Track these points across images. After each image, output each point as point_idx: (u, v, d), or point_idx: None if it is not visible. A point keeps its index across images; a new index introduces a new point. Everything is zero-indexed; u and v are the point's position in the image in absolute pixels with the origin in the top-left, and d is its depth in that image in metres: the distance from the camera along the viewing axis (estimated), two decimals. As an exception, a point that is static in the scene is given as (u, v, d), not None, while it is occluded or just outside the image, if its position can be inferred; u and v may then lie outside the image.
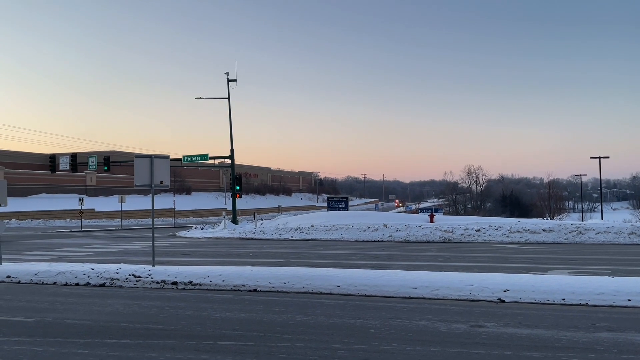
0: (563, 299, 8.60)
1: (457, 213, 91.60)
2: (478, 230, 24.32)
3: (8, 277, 11.89)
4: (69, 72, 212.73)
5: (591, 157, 52.84)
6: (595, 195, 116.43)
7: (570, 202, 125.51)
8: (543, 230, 23.60)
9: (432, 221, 29.52)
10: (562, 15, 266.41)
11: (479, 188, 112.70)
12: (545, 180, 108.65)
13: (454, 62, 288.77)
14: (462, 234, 24.15)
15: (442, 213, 67.92)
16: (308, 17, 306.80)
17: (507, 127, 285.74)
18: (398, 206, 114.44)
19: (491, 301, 8.69)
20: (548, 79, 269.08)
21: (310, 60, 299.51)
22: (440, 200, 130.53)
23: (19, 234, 31.61)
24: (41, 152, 78.18)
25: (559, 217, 76.76)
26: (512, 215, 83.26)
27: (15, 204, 44.78)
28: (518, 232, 23.75)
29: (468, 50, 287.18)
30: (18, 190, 58.40)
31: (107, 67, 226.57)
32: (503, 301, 8.66)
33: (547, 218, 67.07)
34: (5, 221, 37.73)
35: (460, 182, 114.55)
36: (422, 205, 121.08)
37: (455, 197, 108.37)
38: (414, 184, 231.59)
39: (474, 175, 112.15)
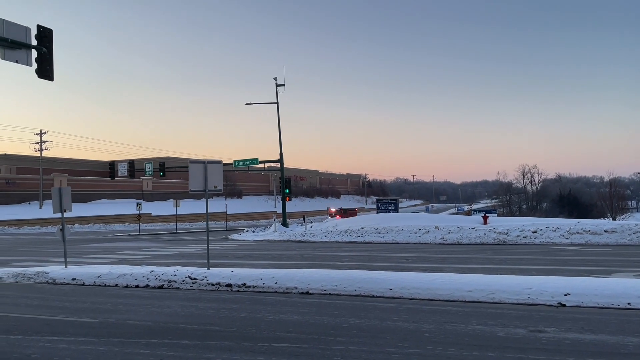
0: (629, 303, 8.19)
1: (511, 214, 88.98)
2: (535, 232, 23.52)
3: (73, 279, 12.51)
4: (125, 84, 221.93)
5: (656, 154, 50.29)
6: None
7: (633, 202, 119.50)
8: (605, 231, 22.57)
9: (485, 223, 28.77)
10: (621, 9, 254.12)
11: (534, 188, 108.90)
12: (606, 179, 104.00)
13: (505, 60, 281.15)
14: (517, 236, 23.44)
15: (495, 214, 66.09)
16: (352, 20, 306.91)
17: (565, 124, 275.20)
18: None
19: (551, 305, 8.39)
20: (608, 73, 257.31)
21: (357, 62, 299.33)
22: (493, 201, 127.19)
23: (82, 238, 33.22)
24: (101, 159, 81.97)
25: (622, 217, 73.31)
26: (570, 215, 79.97)
27: (78, 209, 47.00)
28: (578, 233, 22.81)
29: (522, 47, 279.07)
30: (80, 196, 61.39)
31: (162, 78, 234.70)
32: (564, 305, 8.34)
33: (608, 218, 64.13)
34: (70, 226, 39.68)
35: (514, 182, 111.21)
36: (475, 206, 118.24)
37: (510, 197, 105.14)
38: (466, 185, 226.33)
39: (529, 174, 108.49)
